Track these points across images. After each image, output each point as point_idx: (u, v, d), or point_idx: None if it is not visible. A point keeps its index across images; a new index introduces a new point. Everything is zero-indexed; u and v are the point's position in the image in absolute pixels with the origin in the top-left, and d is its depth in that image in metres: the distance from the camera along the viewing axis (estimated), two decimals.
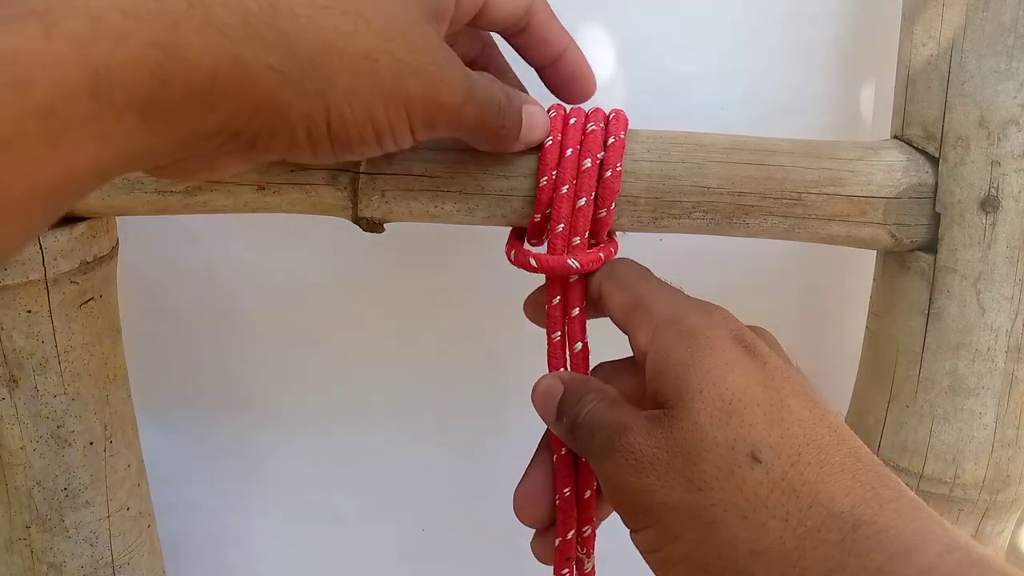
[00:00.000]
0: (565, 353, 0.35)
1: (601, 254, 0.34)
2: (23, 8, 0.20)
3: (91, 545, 0.40)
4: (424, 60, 0.26)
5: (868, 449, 0.26)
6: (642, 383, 0.29)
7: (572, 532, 0.34)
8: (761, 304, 0.53)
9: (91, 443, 0.39)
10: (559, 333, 0.35)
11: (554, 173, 0.33)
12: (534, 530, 0.35)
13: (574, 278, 0.34)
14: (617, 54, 0.45)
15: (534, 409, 0.33)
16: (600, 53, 0.45)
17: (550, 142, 0.33)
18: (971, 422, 0.39)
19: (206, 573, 0.56)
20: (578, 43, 0.35)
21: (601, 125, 0.34)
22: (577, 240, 0.34)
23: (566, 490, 0.34)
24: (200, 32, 0.22)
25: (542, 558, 0.35)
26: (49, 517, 0.39)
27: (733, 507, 0.25)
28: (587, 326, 0.35)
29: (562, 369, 0.35)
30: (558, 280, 0.34)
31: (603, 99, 0.46)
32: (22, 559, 0.40)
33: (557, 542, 0.34)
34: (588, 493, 0.34)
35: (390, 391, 0.53)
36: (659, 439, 0.26)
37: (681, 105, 0.46)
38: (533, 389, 0.33)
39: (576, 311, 0.35)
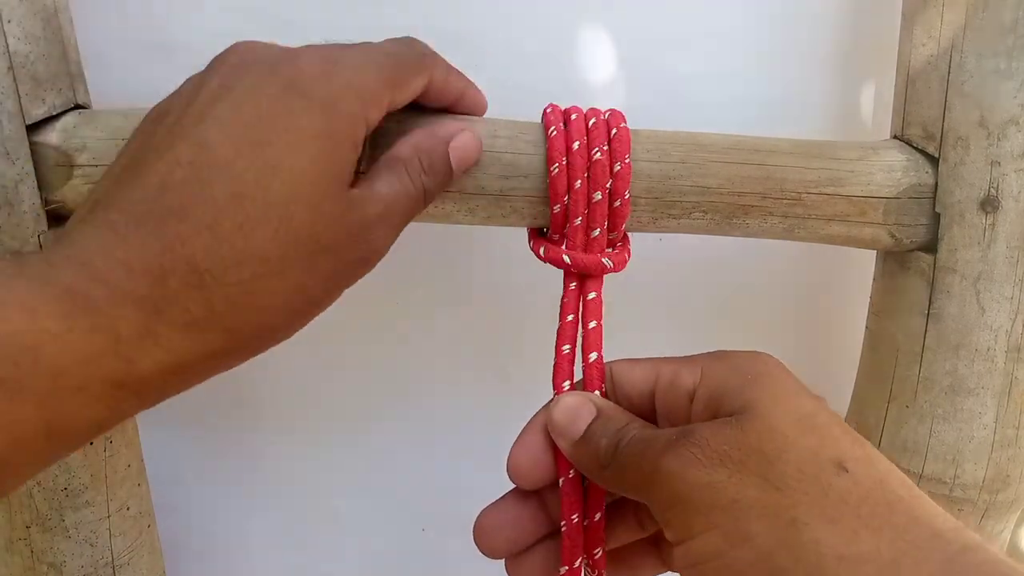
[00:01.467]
0: (572, 368, 0.35)
1: (626, 255, 0.35)
2: None
3: (91, 545, 0.40)
4: (349, 253, 0.28)
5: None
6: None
7: (580, 560, 0.32)
8: (761, 304, 0.53)
9: (91, 443, 0.39)
10: (571, 316, 0.35)
11: (564, 160, 0.33)
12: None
13: (592, 296, 0.35)
14: (617, 54, 0.45)
15: (534, 413, 0.33)
16: (600, 53, 0.45)
17: (554, 132, 0.34)
18: (971, 422, 0.39)
19: (206, 573, 0.56)
20: (578, 43, 0.35)
21: (603, 118, 0.34)
22: (596, 232, 0.34)
23: (574, 517, 0.32)
24: (151, 358, 0.24)
25: None
26: (49, 517, 0.39)
27: (818, 511, 0.23)
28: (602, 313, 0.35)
29: (596, 393, 0.33)
30: (578, 288, 0.35)
31: (603, 99, 0.46)
32: (22, 559, 0.40)
33: (563, 571, 0.32)
34: (598, 516, 0.32)
35: (390, 391, 0.53)
36: (730, 438, 0.25)
37: (681, 105, 0.46)
38: (557, 402, 0.31)
39: (592, 295, 0.35)
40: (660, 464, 0.26)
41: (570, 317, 0.35)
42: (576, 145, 0.33)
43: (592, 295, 0.35)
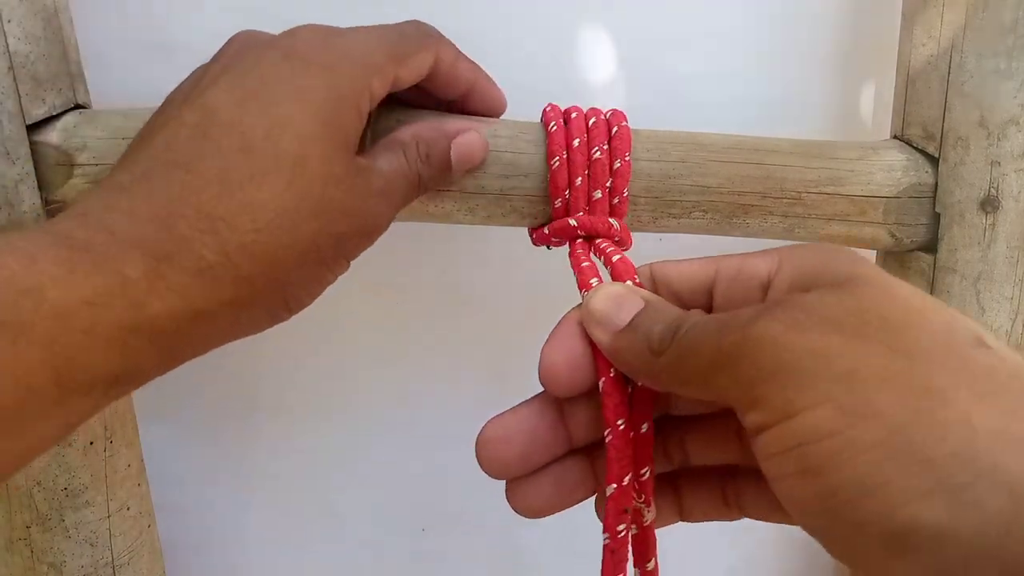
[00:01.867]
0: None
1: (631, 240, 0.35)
2: None
3: (91, 545, 0.40)
4: (351, 219, 0.28)
5: None
6: None
7: (629, 476, 0.26)
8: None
9: (91, 443, 0.39)
10: (587, 262, 0.31)
11: (564, 154, 0.33)
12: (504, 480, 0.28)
13: (602, 245, 0.33)
14: (617, 54, 0.45)
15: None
16: (600, 53, 0.45)
17: (554, 127, 0.34)
18: None
19: (206, 573, 0.56)
20: (578, 43, 0.35)
21: (603, 117, 0.34)
22: (598, 194, 0.34)
23: (620, 422, 0.26)
24: (162, 302, 0.23)
25: (531, 509, 0.27)
26: (49, 517, 0.39)
27: (965, 383, 0.19)
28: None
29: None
30: (587, 252, 0.33)
31: (603, 99, 0.46)
32: (22, 559, 0.39)
33: (611, 491, 0.26)
34: (645, 426, 0.26)
35: (390, 391, 0.53)
36: (842, 302, 0.20)
37: (681, 105, 0.46)
38: (596, 290, 0.26)
39: (617, 257, 0.31)
40: (751, 331, 0.21)
41: (585, 264, 0.31)
42: (576, 143, 0.33)
43: (609, 248, 0.31)
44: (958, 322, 0.20)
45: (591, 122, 0.34)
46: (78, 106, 0.37)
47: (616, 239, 0.34)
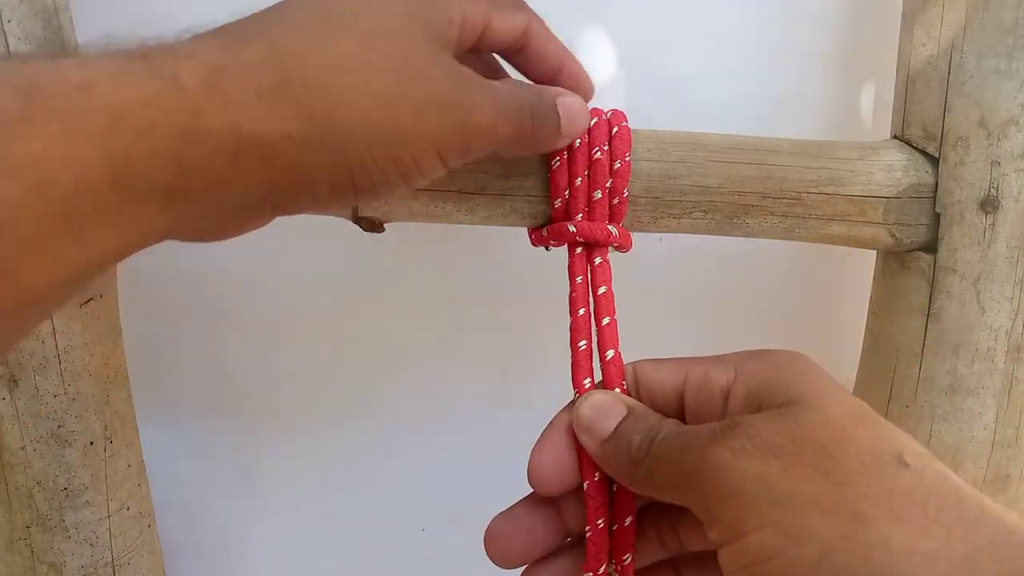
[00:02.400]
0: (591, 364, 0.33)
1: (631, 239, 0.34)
2: (45, 109, 0.20)
3: (91, 545, 0.40)
4: (443, 91, 0.26)
5: None
6: None
7: (604, 567, 0.30)
8: (761, 304, 0.53)
9: (91, 443, 0.39)
10: (583, 309, 0.33)
11: (565, 154, 0.33)
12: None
13: (597, 260, 0.34)
14: (617, 54, 0.45)
15: (535, 415, 0.32)
16: (600, 53, 0.45)
17: None
18: (971, 422, 0.39)
19: (206, 573, 0.56)
20: (578, 43, 0.35)
21: (604, 117, 0.34)
22: (599, 195, 0.34)
23: (599, 522, 0.30)
24: (220, 114, 0.22)
25: None
26: (49, 517, 0.39)
27: (885, 505, 0.22)
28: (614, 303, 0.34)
29: (616, 390, 0.31)
30: (583, 264, 0.34)
31: (603, 99, 0.46)
32: (22, 559, 0.39)
33: None
34: (628, 520, 0.30)
35: (390, 391, 0.53)
36: (783, 428, 0.23)
37: (681, 105, 0.46)
38: (585, 399, 0.30)
39: (603, 289, 0.33)
40: (707, 456, 0.24)
41: (582, 311, 0.33)
42: (577, 143, 0.33)
43: (602, 289, 0.34)
44: (883, 442, 0.23)
45: (592, 122, 0.34)
46: None
47: (615, 245, 0.34)
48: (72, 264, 0.21)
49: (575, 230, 0.33)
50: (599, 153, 0.33)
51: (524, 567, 0.31)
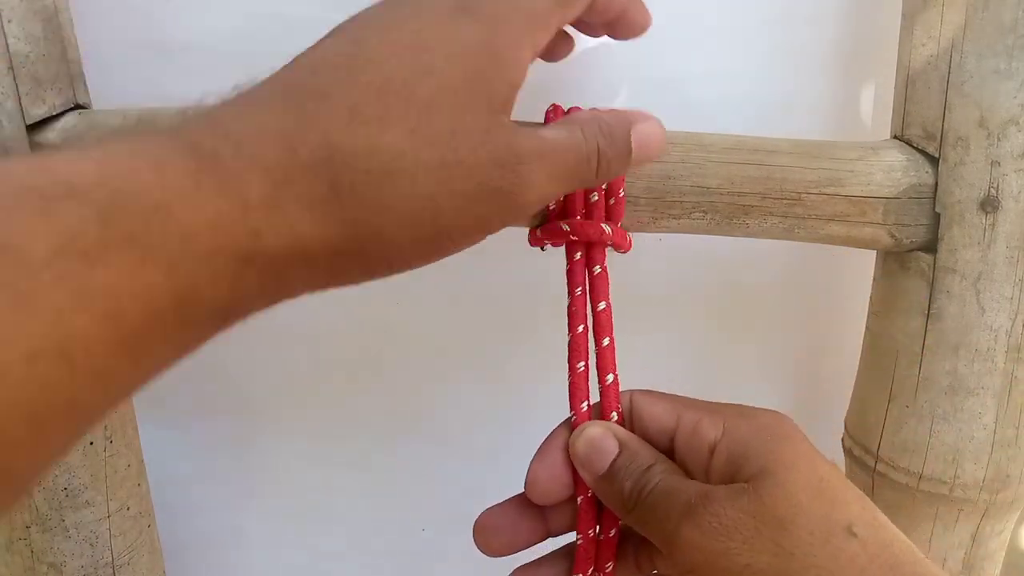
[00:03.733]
0: (588, 371, 0.34)
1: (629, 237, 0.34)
2: (123, 234, 0.20)
3: (91, 545, 0.40)
4: (492, 178, 0.26)
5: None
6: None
7: (591, 570, 0.34)
8: (761, 304, 0.53)
9: (91, 443, 0.39)
10: (582, 325, 0.34)
11: None
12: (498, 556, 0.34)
13: (596, 270, 0.34)
14: (617, 54, 0.45)
15: (534, 416, 0.33)
16: (600, 53, 0.45)
17: None
18: (971, 422, 0.39)
19: (206, 573, 0.56)
20: (578, 43, 0.35)
21: None
22: (595, 197, 0.34)
23: (590, 532, 0.33)
24: (277, 235, 0.23)
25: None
26: (49, 517, 0.39)
27: (828, 573, 0.25)
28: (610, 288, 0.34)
29: (610, 422, 0.33)
30: (582, 271, 0.34)
31: (603, 99, 0.46)
32: (22, 559, 0.40)
33: None
34: (613, 532, 0.33)
35: (390, 391, 0.53)
36: (745, 506, 0.27)
37: (681, 105, 0.46)
38: (580, 432, 0.32)
39: (597, 269, 0.34)
40: (681, 528, 0.28)
41: (580, 328, 0.34)
42: None
43: (602, 305, 0.34)
44: (835, 513, 0.26)
45: None
46: (78, 106, 0.37)
47: (609, 244, 0.34)
48: (128, 387, 0.21)
49: (568, 229, 0.33)
50: None
51: (515, 569, 0.34)
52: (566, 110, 0.35)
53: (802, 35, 0.46)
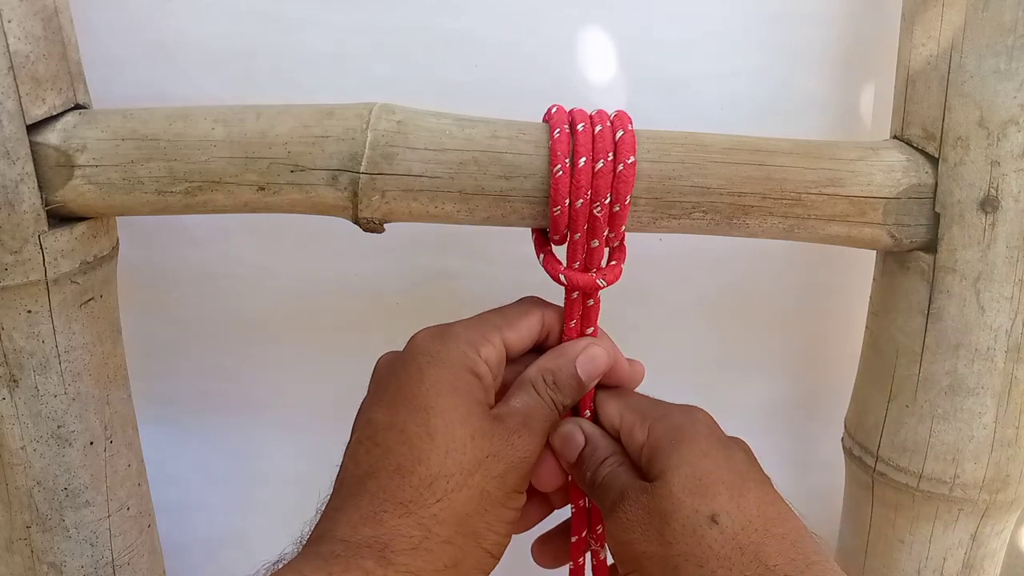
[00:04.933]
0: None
1: (622, 265, 0.37)
2: None
3: (91, 545, 0.40)
4: (497, 451, 0.33)
5: (806, 528, 0.33)
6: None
7: (585, 532, 0.41)
8: (761, 304, 0.53)
9: (91, 443, 0.39)
10: (575, 321, 0.37)
11: (567, 162, 0.33)
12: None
13: (590, 303, 0.37)
14: (617, 54, 0.45)
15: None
16: (600, 53, 0.45)
17: (558, 134, 0.34)
18: (971, 422, 0.39)
19: (206, 573, 0.56)
20: (578, 43, 0.35)
21: (608, 124, 0.34)
22: (596, 243, 0.35)
23: (581, 502, 0.40)
24: None
25: (544, 562, 0.42)
26: (49, 517, 0.39)
27: (692, 558, 0.31)
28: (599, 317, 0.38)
29: (581, 418, 0.39)
30: (580, 297, 0.37)
31: (603, 99, 0.46)
32: (22, 559, 0.40)
33: (573, 540, 0.41)
34: (591, 330, 0.38)
35: None
36: (644, 505, 0.33)
37: (681, 105, 0.46)
38: (555, 430, 0.38)
39: (591, 302, 0.37)
40: (607, 519, 0.35)
41: (573, 323, 0.37)
42: (582, 162, 0.33)
43: (590, 330, 0.38)
44: (703, 506, 0.32)
45: (597, 130, 0.34)
46: (78, 106, 0.37)
47: (604, 287, 0.36)
48: None
49: (565, 281, 0.36)
50: (601, 164, 0.33)
51: (536, 540, 0.42)
52: (567, 110, 0.35)
53: (802, 35, 0.46)
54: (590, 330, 0.38)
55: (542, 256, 0.36)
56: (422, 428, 0.32)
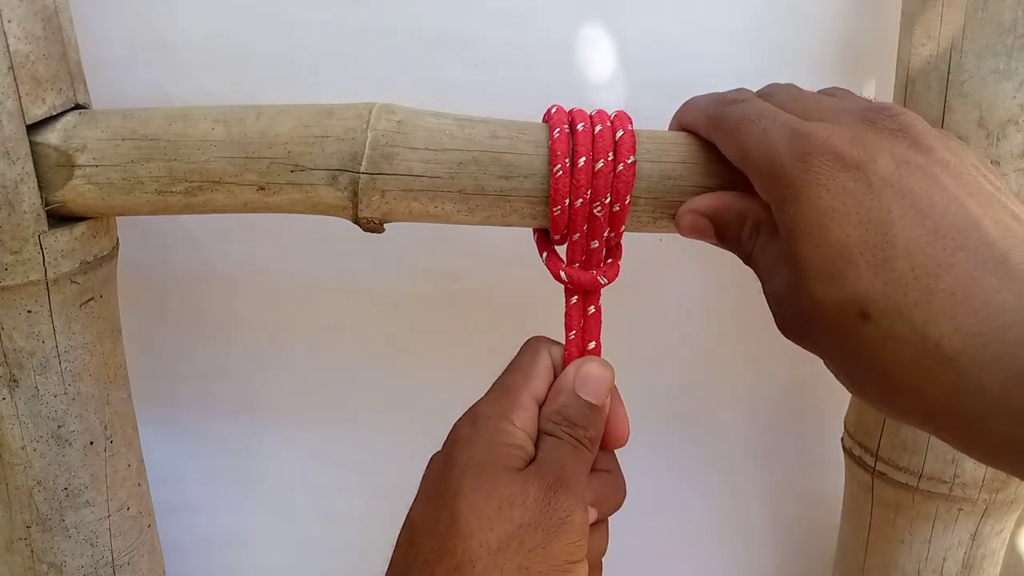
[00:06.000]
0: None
1: (619, 263, 0.37)
2: None
3: (91, 545, 0.40)
4: (538, 516, 0.30)
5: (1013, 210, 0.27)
6: None
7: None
8: (761, 304, 0.53)
9: (91, 443, 0.39)
10: (575, 332, 0.37)
11: (567, 162, 0.33)
12: None
13: (591, 310, 0.37)
14: (617, 54, 0.45)
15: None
16: (600, 53, 0.45)
17: (558, 134, 0.34)
18: None
19: (206, 573, 0.56)
20: (578, 43, 0.35)
21: (608, 124, 0.34)
22: (595, 244, 0.35)
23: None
24: None
25: None
26: (49, 517, 0.39)
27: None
28: (601, 328, 0.37)
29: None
30: (580, 303, 0.37)
31: (603, 99, 0.46)
32: (22, 559, 0.40)
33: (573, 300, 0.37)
34: (592, 344, 0.37)
35: (390, 391, 0.53)
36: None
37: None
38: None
39: (592, 309, 0.37)
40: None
41: (572, 334, 0.37)
42: (582, 161, 0.33)
43: (592, 344, 0.37)
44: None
45: (597, 130, 0.34)
46: (78, 106, 0.37)
47: (605, 284, 0.36)
48: None
49: (566, 278, 0.36)
50: (601, 164, 0.33)
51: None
52: (567, 111, 0.35)
53: (803, 35, 0.46)
54: (591, 345, 0.37)
55: (544, 255, 0.36)
56: (448, 516, 0.30)
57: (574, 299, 0.36)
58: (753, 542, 0.58)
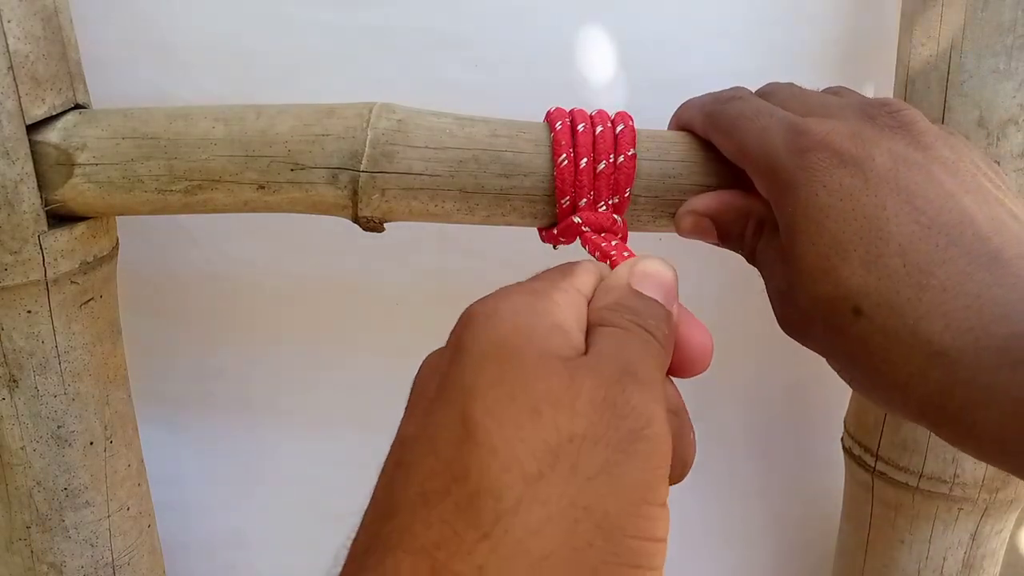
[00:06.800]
0: None
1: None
2: None
3: (91, 545, 0.40)
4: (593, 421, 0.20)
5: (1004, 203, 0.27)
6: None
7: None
8: (761, 304, 0.53)
9: (91, 443, 0.39)
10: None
11: (571, 151, 0.34)
12: None
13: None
14: (617, 54, 0.45)
15: None
16: (600, 53, 0.45)
17: (560, 126, 0.34)
18: None
19: (206, 573, 0.56)
20: (579, 43, 0.35)
21: (608, 125, 0.34)
22: (603, 207, 0.34)
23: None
24: None
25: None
26: (49, 517, 0.39)
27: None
28: None
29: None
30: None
31: (603, 99, 0.46)
32: (22, 559, 0.39)
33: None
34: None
35: (390, 391, 0.53)
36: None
37: None
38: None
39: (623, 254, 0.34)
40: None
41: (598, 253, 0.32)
42: (584, 162, 0.34)
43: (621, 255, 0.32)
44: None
45: (598, 131, 0.34)
46: (78, 106, 0.37)
47: (619, 235, 0.34)
48: None
49: (581, 221, 0.34)
50: (603, 165, 0.34)
51: None
52: (568, 111, 0.35)
53: (802, 35, 0.46)
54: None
55: (555, 228, 0.35)
56: (456, 423, 0.21)
57: (596, 255, 0.32)
58: (753, 542, 0.57)
